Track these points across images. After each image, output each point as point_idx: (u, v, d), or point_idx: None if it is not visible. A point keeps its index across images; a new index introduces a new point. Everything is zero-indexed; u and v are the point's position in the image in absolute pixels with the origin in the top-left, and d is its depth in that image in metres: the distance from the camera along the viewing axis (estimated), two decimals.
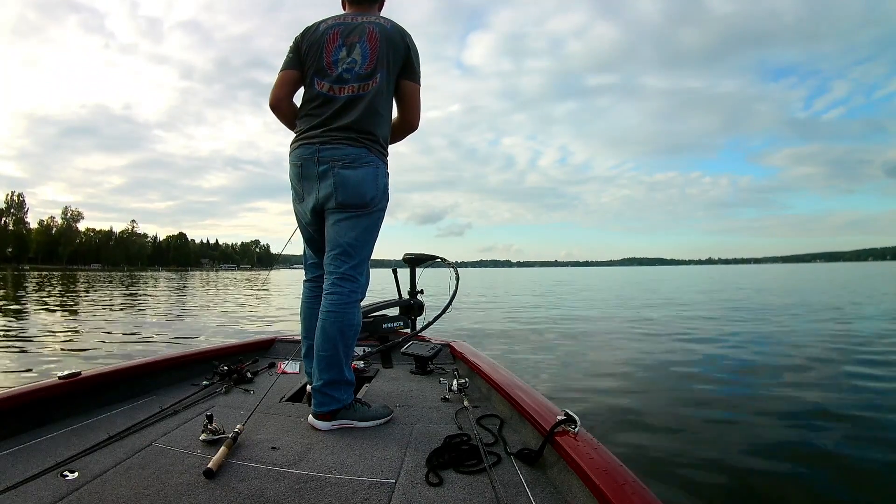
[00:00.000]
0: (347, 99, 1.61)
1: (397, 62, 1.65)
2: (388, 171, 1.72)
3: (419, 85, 1.71)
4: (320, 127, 1.62)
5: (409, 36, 1.69)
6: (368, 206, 1.63)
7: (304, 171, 1.63)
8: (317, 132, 1.61)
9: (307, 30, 1.70)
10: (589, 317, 9.21)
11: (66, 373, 1.64)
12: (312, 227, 1.72)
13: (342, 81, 1.62)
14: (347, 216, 1.62)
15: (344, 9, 1.81)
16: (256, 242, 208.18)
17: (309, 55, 1.65)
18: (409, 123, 1.77)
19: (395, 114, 1.76)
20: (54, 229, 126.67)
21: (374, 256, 1.74)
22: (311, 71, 1.65)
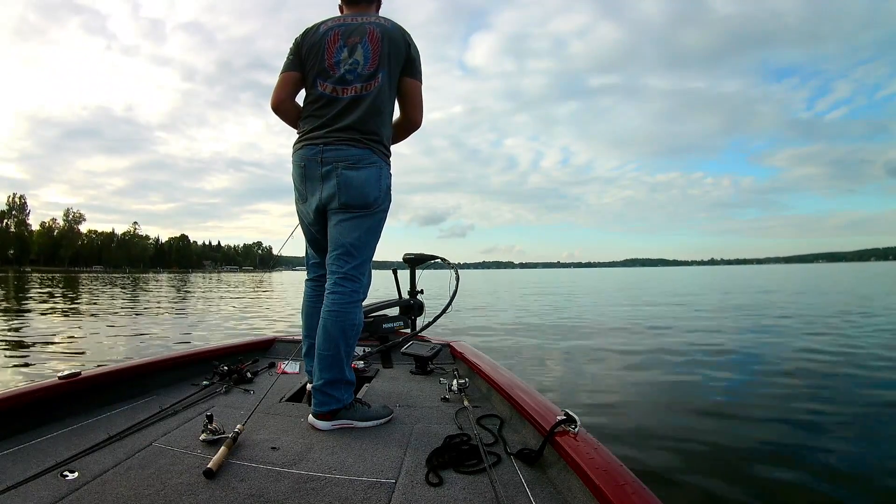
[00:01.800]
0: (351, 99, 1.62)
1: (399, 61, 1.66)
2: (391, 172, 1.72)
3: (421, 82, 1.72)
4: (324, 128, 1.62)
5: (409, 34, 1.70)
6: (371, 207, 1.64)
7: (308, 171, 1.64)
8: (320, 133, 1.62)
9: (307, 31, 1.70)
10: (592, 319, 9.19)
11: (66, 373, 1.64)
12: (315, 227, 1.73)
13: (345, 82, 1.62)
14: (350, 217, 1.62)
15: (341, 11, 1.81)
16: (259, 244, 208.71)
17: (310, 57, 1.66)
18: (411, 121, 1.77)
19: (396, 114, 1.77)
20: (56, 231, 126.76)
21: (375, 257, 1.74)
22: (314, 72, 1.66)
